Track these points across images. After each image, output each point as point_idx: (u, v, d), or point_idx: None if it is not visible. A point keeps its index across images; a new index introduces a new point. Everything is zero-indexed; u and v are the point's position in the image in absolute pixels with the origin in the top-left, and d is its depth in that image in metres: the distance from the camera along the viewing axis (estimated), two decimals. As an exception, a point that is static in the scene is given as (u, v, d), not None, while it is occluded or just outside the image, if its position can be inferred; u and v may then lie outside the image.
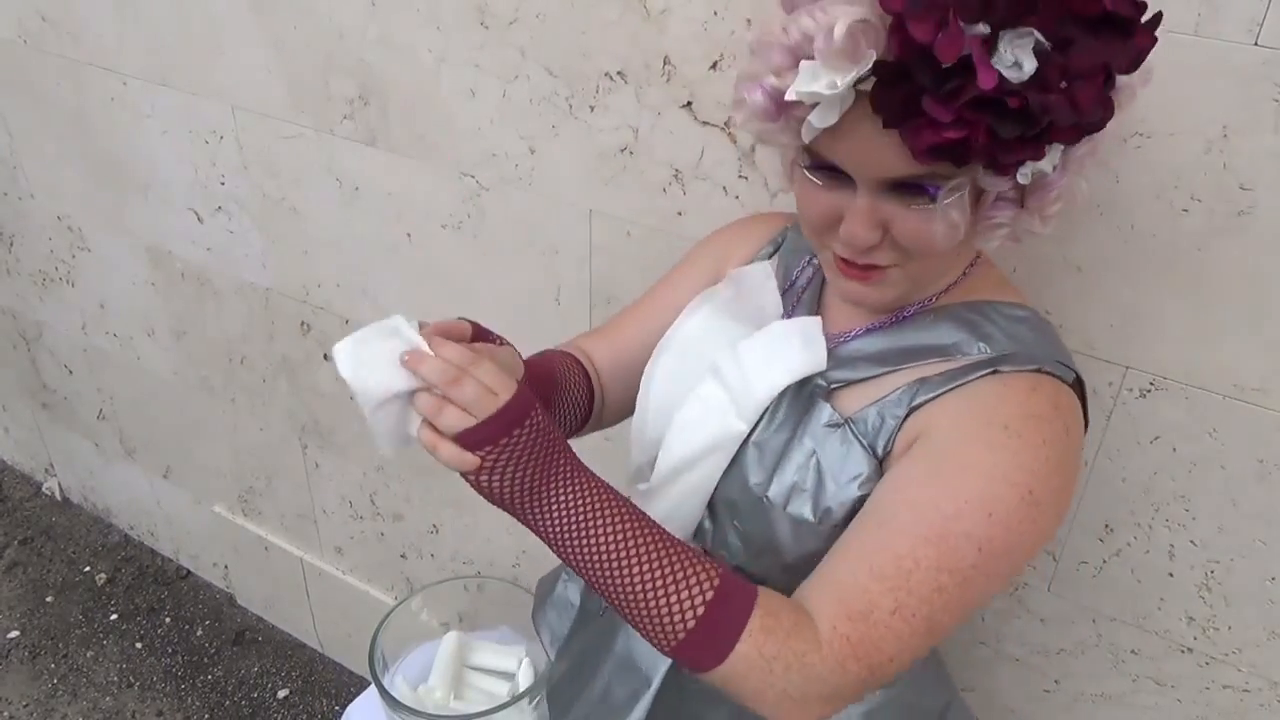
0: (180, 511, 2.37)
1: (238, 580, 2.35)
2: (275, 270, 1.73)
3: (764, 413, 0.84)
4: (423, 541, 1.88)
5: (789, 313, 0.91)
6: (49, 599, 2.39)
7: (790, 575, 0.82)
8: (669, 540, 0.74)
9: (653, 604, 0.71)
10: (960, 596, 0.71)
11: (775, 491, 0.82)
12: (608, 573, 0.72)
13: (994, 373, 0.75)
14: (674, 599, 0.71)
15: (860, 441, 0.79)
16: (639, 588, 0.72)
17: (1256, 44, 0.82)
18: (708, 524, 0.89)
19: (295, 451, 1.96)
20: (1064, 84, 0.63)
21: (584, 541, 0.72)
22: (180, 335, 2.01)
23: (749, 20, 1.06)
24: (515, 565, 1.76)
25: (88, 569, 2.49)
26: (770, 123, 0.74)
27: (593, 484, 0.74)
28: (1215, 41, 0.83)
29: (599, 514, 0.73)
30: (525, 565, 1.74)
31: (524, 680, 1.41)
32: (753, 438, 0.84)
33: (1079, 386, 0.79)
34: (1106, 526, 1.09)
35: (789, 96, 0.69)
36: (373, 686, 1.36)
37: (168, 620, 2.34)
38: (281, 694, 2.16)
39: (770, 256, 0.95)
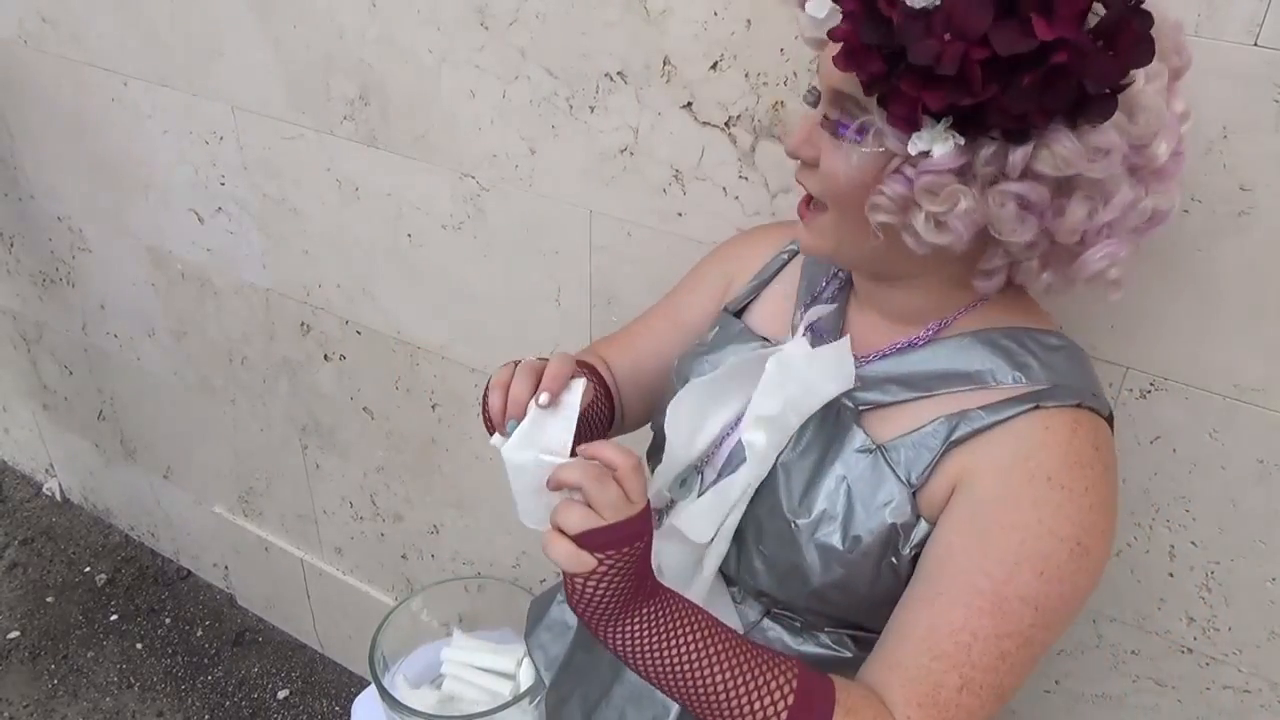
0: (180, 512, 2.37)
1: (238, 581, 2.35)
2: (275, 271, 1.73)
3: (791, 435, 0.82)
4: (423, 542, 1.88)
5: (805, 310, 0.89)
6: (49, 599, 2.39)
7: (816, 600, 0.82)
8: (747, 646, 0.73)
9: (735, 713, 0.71)
10: (1024, 657, 0.71)
11: (804, 519, 0.80)
12: (689, 683, 0.72)
13: (1035, 408, 0.74)
14: (756, 707, 0.70)
15: (893, 470, 0.77)
16: (721, 697, 0.71)
17: (1256, 44, 0.82)
18: (731, 549, 0.86)
19: (295, 452, 1.96)
20: (946, 35, 0.61)
21: (667, 653, 0.72)
22: (180, 336, 2.01)
23: (749, 21, 1.06)
24: (515, 566, 1.76)
25: (88, 569, 2.48)
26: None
27: (672, 595, 0.74)
28: (1215, 41, 0.83)
29: (681, 625, 0.72)
30: (525, 566, 1.74)
31: (524, 680, 1.41)
32: (780, 459, 0.82)
33: (1111, 419, 0.79)
34: (1107, 527, 1.09)
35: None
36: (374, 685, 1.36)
37: (168, 621, 2.34)
38: (281, 694, 2.16)
39: (783, 265, 0.96)
